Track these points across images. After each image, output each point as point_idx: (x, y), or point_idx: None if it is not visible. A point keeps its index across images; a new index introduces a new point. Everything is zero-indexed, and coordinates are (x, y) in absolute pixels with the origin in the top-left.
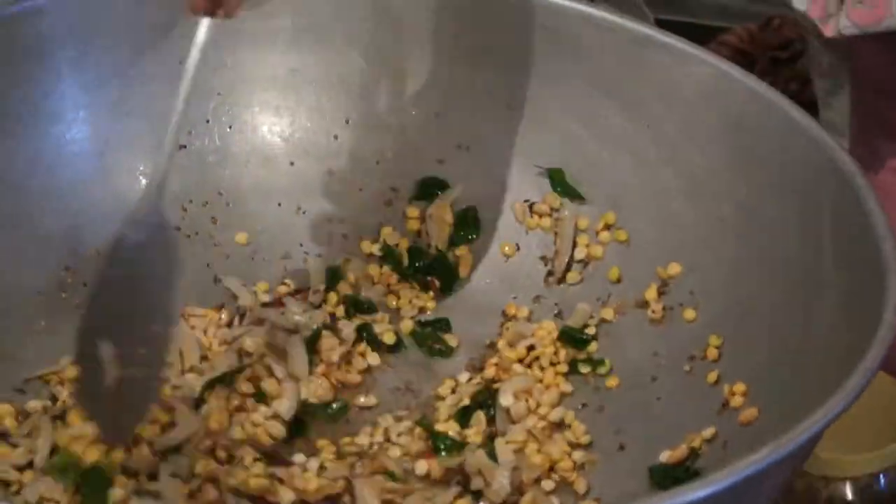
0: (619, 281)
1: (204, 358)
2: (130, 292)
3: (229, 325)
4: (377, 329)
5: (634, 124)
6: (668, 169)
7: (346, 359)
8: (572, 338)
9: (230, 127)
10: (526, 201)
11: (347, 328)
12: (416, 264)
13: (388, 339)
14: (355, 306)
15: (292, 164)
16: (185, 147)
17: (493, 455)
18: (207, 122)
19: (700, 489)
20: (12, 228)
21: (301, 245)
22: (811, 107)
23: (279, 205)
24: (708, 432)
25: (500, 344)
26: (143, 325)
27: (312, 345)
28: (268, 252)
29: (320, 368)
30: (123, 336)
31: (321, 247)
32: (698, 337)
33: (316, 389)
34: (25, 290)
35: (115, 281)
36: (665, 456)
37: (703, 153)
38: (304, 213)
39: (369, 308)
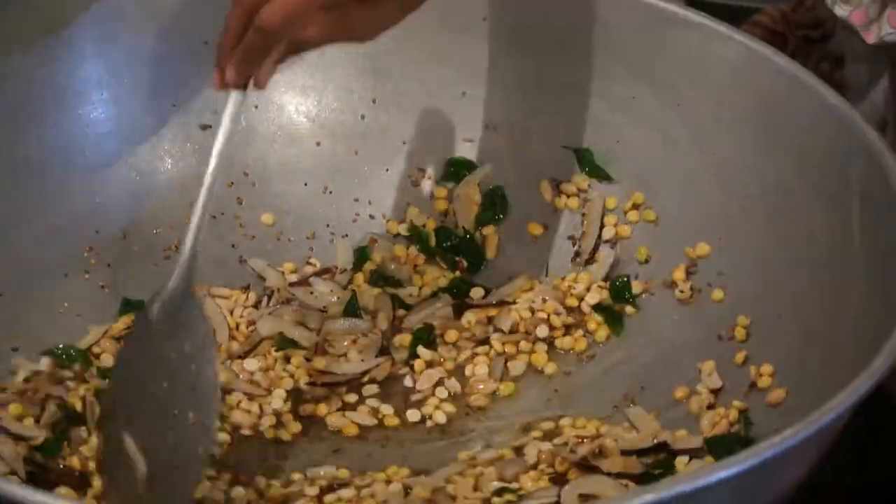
0: (647, 261)
1: (232, 338)
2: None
3: (256, 305)
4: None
5: (664, 104)
6: (697, 149)
7: None
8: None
9: (256, 107)
10: (553, 181)
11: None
12: (444, 244)
13: None
14: (384, 281)
15: (319, 144)
16: (210, 127)
17: None
18: None
19: (724, 469)
20: (37, 210)
21: (327, 225)
22: (842, 88)
23: (305, 185)
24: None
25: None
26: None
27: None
28: (294, 233)
29: None
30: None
31: (348, 227)
32: (726, 317)
33: None
34: (50, 272)
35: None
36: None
37: (732, 133)
38: (330, 193)
39: (396, 284)
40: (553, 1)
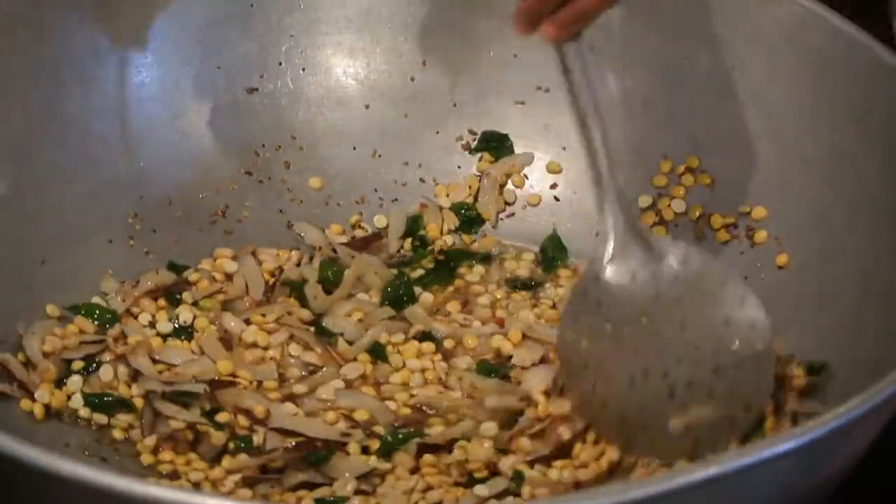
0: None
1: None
2: None
3: (298, 264)
4: None
5: (718, 66)
6: (752, 111)
7: None
8: None
9: (303, 69)
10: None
11: None
12: None
13: None
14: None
15: (367, 107)
16: (256, 90)
17: None
18: (280, 64)
19: (786, 442)
20: (82, 175)
21: (376, 190)
22: None
23: (354, 149)
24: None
25: None
26: None
27: None
28: (342, 197)
29: None
30: None
31: (397, 191)
32: (784, 279)
33: None
34: (94, 238)
35: None
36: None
37: (787, 94)
38: (379, 156)
39: None
40: None
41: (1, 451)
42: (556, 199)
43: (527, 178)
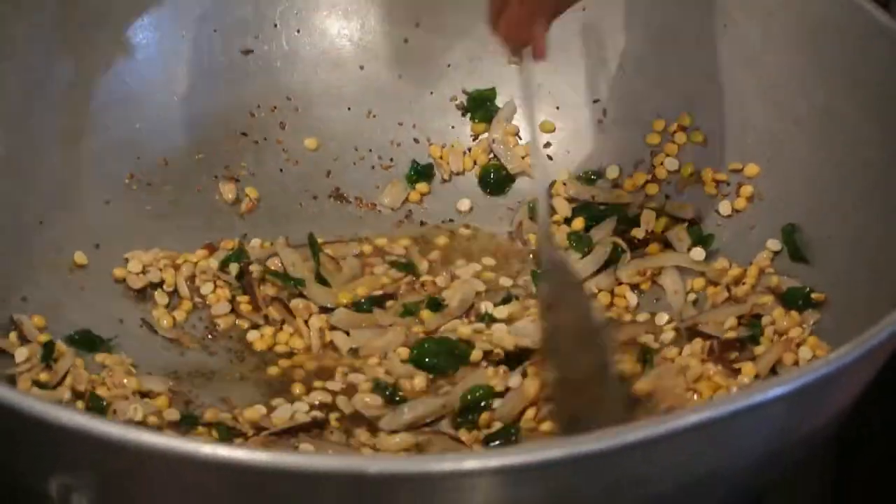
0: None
1: None
2: None
3: None
4: None
5: (711, 26)
6: (746, 71)
7: None
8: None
9: (298, 31)
10: (596, 101)
11: None
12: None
13: None
14: None
15: (362, 67)
16: (252, 52)
17: None
18: (275, 26)
19: (780, 386)
20: (77, 136)
21: (371, 150)
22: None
23: (349, 109)
24: None
25: None
26: None
27: None
28: (337, 157)
29: None
30: None
31: (392, 151)
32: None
33: None
34: (93, 200)
35: None
36: None
37: (781, 55)
38: (374, 117)
39: None
40: None
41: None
42: (550, 157)
43: (520, 139)
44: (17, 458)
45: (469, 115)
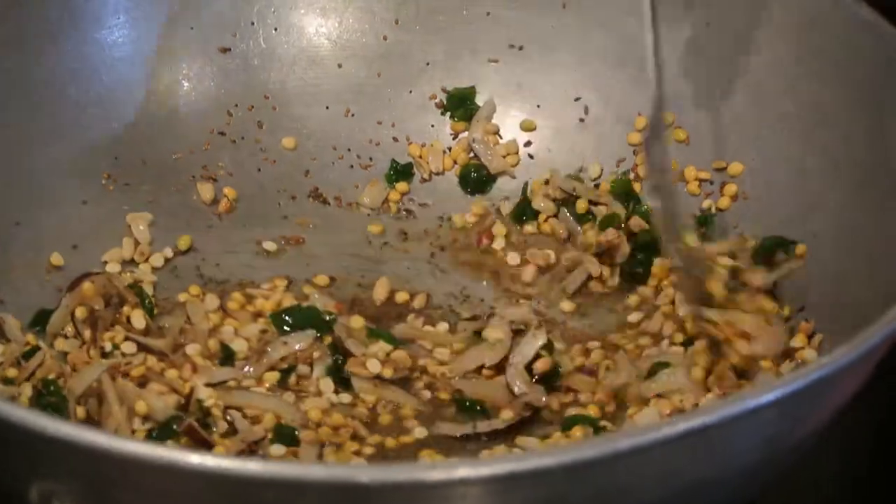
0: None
1: None
2: None
3: None
4: None
5: (693, 21)
6: (729, 67)
7: None
8: None
9: (276, 29)
10: (578, 100)
11: None
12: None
13: None
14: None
15: (340, 66)
16: (229, 50)
17: None
18: (252, 24)
19: (770, 392)
20: (54, 136)
21: (350, 149)
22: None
23: (327, 108)
24: None
25: None
26: None
27: None
28: (316, 157)
29: None
30: None
31: (371, 150)
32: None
33: None
34: (70, 200)
35: None
36: None
37: (765, 51)
38: (352, 116)
39: None
40: None
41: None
42: (531, 156)
43: (500, 138)
44: None
45: (448, 113)
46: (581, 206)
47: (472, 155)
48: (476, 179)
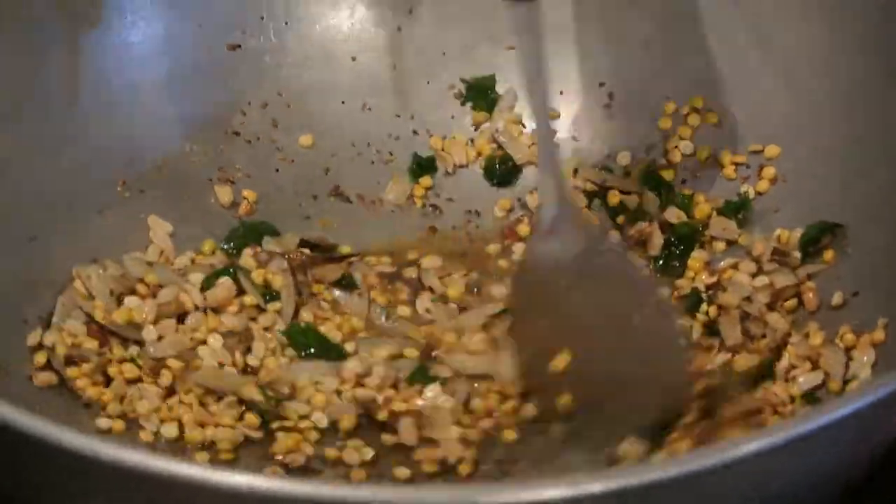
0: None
1: None
2: None
3: None
4: None
5: (718, 2)
6: (759, 47)
7: None
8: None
9: (286, 23)
10: (602, 85)
11: None
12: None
13: None
14: None
15: (354, 59)
16: (239, 47)
17: None
18: (262, 19)
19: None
20: (65, 144)
21: (369, 144)
22: None
23: (343, 103)
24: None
25: None
26: None
27: None
28: (335, 153)
29: None
30: None
31: (391, 144)
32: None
33: None
34: (85, 210)
35: None
36: None
37: (795, 29)
38: (369, 110)
39: None
40: None
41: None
42: (556, 144)
43: (524, 127)
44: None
45: (469, 104)
46: (613, 198)
47: (495, 146)
48: (502, 171)
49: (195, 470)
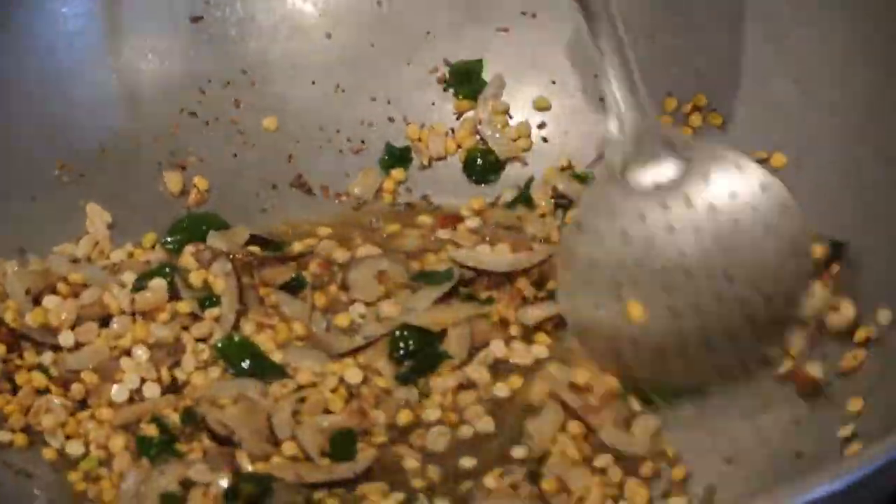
0: None
1: None
2: None
3: None
4: None
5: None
6: (771, 47)
7: None
8: None
9: None
10: (598, 76)
11: None
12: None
13: None
14: None
15: (329, 35)
16: (201, 18)
17: None
18: None
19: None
20: (3, 123)
21: (339, 131)
22: None
23: (313, 83)
24: None
25: None
26: None
27: None
28: (300, 139)
29: None
30: None
31: (363, 131)
32: None
33: None
34: (17, 196)
35: None
36: None
37: (812, 30)
38: (342, 92)
39: None
40: None
41: None
42: (545, 140)
43: (510, 118)
44: None
45: (452, 90)
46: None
47: (478, 138)
48: (482, 166)
49: None
